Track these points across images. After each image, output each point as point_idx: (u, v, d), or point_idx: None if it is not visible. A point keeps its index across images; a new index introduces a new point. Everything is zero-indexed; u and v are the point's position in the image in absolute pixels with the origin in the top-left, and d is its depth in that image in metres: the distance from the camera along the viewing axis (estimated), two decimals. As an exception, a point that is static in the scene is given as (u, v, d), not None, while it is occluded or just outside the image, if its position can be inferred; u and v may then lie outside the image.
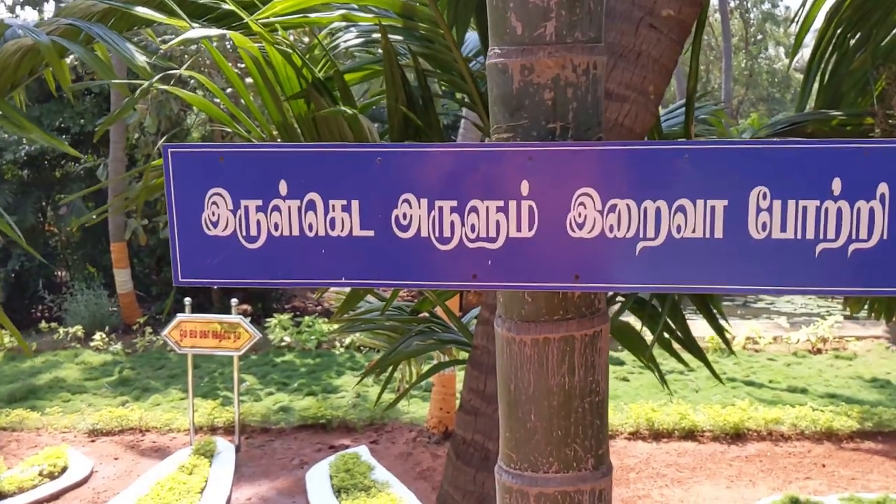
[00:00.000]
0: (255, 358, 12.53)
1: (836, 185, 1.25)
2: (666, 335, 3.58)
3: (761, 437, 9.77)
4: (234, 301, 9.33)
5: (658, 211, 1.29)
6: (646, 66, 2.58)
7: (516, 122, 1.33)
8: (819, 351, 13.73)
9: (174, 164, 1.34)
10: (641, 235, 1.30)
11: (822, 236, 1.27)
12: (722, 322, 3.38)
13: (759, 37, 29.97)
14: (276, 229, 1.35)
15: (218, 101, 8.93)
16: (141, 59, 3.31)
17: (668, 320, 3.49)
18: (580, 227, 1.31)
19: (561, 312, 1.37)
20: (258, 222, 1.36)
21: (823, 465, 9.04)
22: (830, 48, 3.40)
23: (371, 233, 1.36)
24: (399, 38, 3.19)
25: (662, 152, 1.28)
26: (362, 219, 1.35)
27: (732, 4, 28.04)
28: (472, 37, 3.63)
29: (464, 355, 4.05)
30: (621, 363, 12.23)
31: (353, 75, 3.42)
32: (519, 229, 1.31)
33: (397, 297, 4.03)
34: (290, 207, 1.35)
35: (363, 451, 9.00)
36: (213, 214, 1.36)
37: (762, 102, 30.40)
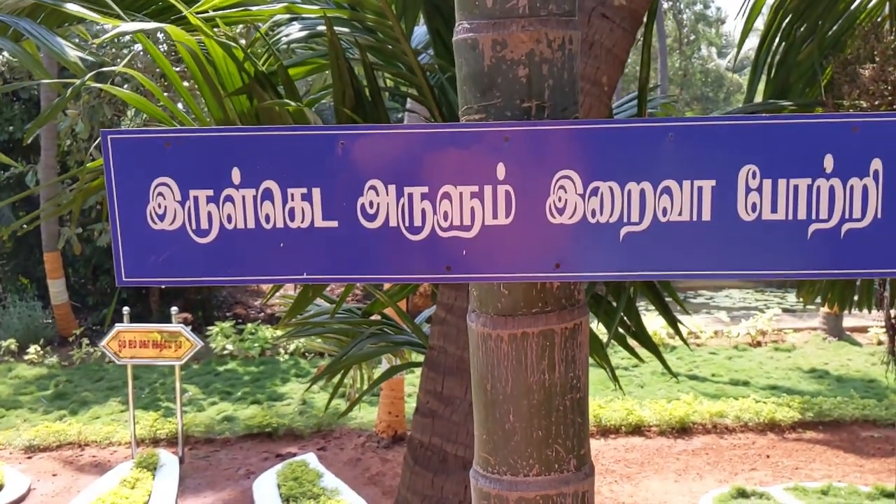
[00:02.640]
0: (197, 367, 12.26)
1: (828, 162, 1.18)
2: (620, 330, 3.56)
3: (706, 430, 9.93)
4: (174, 310, 9.09)
5: (642, 193, 1.21)
6: (599, 57, 2.53)
7: (488, 101, 1.24)
8: (759, 344, 14.04)
9: (114, 152, 1.21)
10: (625, 220, 1.22)
11: (814, 216, 1.20)
12: (679, 317, 3.36)
13: (693, 37, 30.58)
14: (230, 222, 1.23)
15: (157, 101, 8.68)
16: (73, 54, 3.14)
17: (623, 316, 3.47)
18: (560, 212, 1.22)
19: (540, 305, 1.28)
20: (209, 214, 1.23)
21: (768, 456, 9.22)
22: (777, 39, 3.41)
23: (335, 223, 1.24)
24: (346, 30, 3.08)
25: (646, 131, 1.20)
26: (325, 208, 1.23)
27: (666, 6, 28.53)
28: (419, 30, 3.55)
29: (417, 357, 3.97)
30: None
31: (298, 70, 3.30)
32: (495, 216, 1.22)
33: (347, 299, 3.93)
34: (244, 197, 1.23)
35: (311, 458, 8.87)
36: (160, 207, 1.23)
37: (696, 102, 31.06)
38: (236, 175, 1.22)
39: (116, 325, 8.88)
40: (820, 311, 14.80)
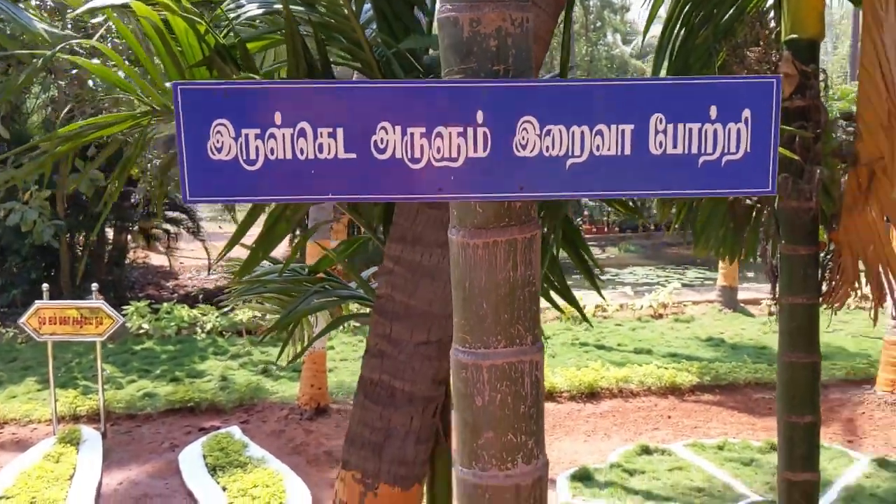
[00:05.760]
0: (113, 346, 12.22)
1: (713, 111, 1.64)
2: (544, 285, 3.99)
3: (613, 394, 10.52)
4: (94, 286, 9.12)
5: (583, 134, 1.64)
6: None
7: (467, 65, 1.65)
8: (660, 316, 14.85)
9: (183, 99, 1.56)
10: (570, 154, 1.65)
11: (703, 151, 1.67)
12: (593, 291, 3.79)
13: (599, 24, 31.52)
14: (272, 154, 1.61)
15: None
16: (39, 26, 3.35)
17: (548, 273, 3.90)
18: (523, 147, 1.64)
19: (506, 220, 1.71)
20: (257, 148, 1.61)
21: (669, 417, 9.88)
22: (678, 26, 3.88)
23: (354, 155, 1.64)
24: (300, 8, 3.39)
25: (586, 87, 1.64)
26: (346, 144, 1.62)
27: (574, -7, 29.26)
28: (365, 7, 3.87)
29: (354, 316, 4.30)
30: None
31: (255, 44, 3.59)
32: (475, 150, 1.63)
33: (293, 261, 4.24)
34: (283, 135, 1.61)
35: (235, 430, 9.07)
36: (218, 142, 1.59)
37: (601, 87, 31.94)
38: (278, 118, 1.60)
39: (36, 301, 8.84)
40: (717, 285, 15.72)
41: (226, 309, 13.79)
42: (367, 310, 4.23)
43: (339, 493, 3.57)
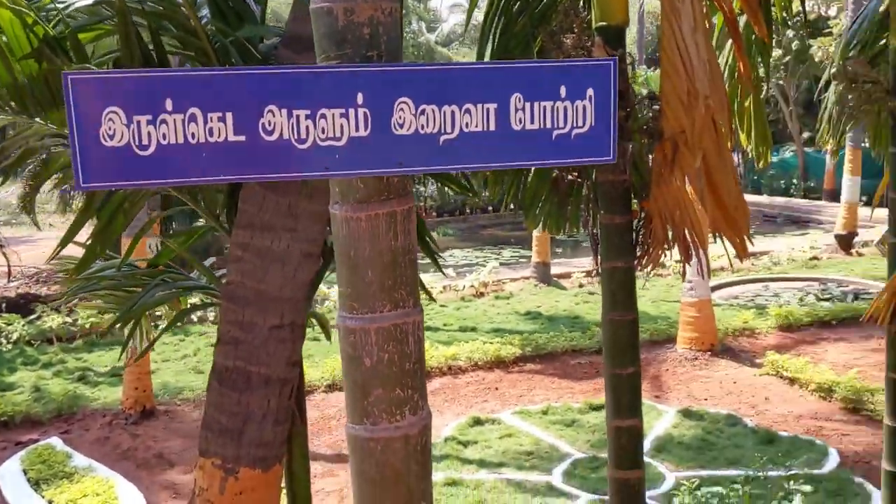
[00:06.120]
0: None
1: (563, 90, 1.87)
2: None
3: (443, 372, 10.88)
4: None
5: (453, 113, 1.82)
6: None
7: (342, 51, 1.78)
8: (482, 294, 15.45)
9: (73, 87, 1.59)
10: (443, 131, 1.83)
11: (556, 126, 1.90)
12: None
13: (404, 12, 31.92)
14: (164, 139, 1.67)
15: None
16: None
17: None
18: (401, 126, 1.80)
19: (386, 194, 1.86)
20: (149, 134, 1.66)
21: (496, 388, 10.37)
22: (499, 14, 4.16)
23: (243, 138, 1.73)
24: (132, -5, 3.34)
25: (455, 70, 1.83)
26: (235, 127, 1.71)
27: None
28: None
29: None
30: (311, 325, 12.80)
31: (87, 34, 3.50)
32: (357, 130, 1.77)
33: (132, 256, 4.16)
34: (175, 120, 1.67)
35: (56, 441, 8.67)
36: (110, 129, 1.63)
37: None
38: (169, 104, 1.66)
39: None
40: (531, 262, 16.54)
41: (32, 317, 12.97)
42: (212, 300, 4.24)
43: (199, 481, 3.59)
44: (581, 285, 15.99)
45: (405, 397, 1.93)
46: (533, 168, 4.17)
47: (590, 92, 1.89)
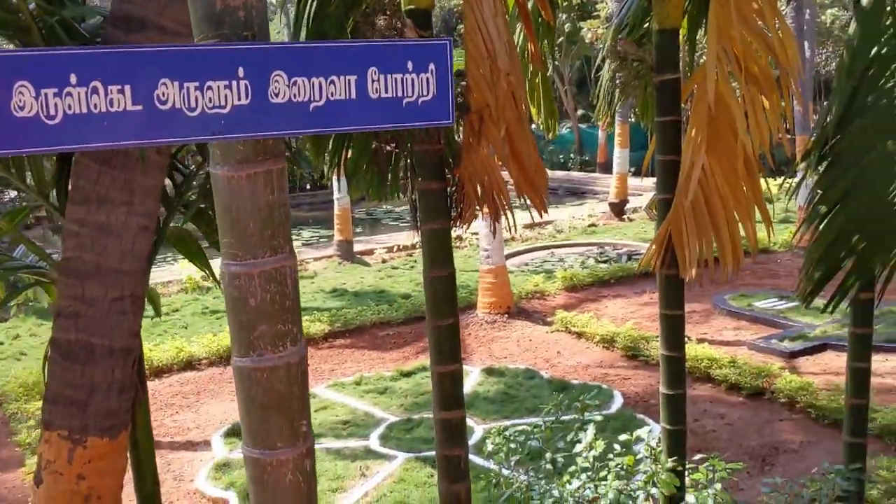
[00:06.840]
0: None
1: (409, 65, 2.25)
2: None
3: (253, 351, 10.95)
4: None
5: (321, 84, 2.16)
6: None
7: (220, 31, 2.05)
8: (287, 274, 15.47)
9: (-16, 62, 1.75)
10: (312, 99, 2.16)
11: (406, 95, 2.28)
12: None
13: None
14: (70, 109, 1.86)
15: None
16: None
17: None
18: (276, 96, 2.10)
19: (263, 155, 2.15)
20: (56, 105, 1.85)
21: (308, 365, 10.64)
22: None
23: (140, 107, 1.96)
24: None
25: (316, 48, 2.14)
26: (133, 98, 1.94)
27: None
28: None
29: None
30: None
31: None
32: (239, 100, 2.05)
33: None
34: (79, 93, 1.87)
35: None
36: (20, 101, 1.81)
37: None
38: (73, 78, 1.86)
39: None
40: (334, 240, 16.81)
41: None
42: (37, 278, 4.24)
43: (45, 455, 3.66)
44: (384, 261, 16.50)
45: (286, 330, 2.24)
46: (353, 139, 4.51)
47: (431, 67, 2.28)
